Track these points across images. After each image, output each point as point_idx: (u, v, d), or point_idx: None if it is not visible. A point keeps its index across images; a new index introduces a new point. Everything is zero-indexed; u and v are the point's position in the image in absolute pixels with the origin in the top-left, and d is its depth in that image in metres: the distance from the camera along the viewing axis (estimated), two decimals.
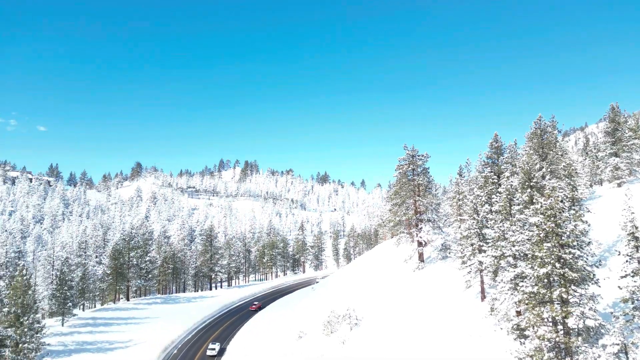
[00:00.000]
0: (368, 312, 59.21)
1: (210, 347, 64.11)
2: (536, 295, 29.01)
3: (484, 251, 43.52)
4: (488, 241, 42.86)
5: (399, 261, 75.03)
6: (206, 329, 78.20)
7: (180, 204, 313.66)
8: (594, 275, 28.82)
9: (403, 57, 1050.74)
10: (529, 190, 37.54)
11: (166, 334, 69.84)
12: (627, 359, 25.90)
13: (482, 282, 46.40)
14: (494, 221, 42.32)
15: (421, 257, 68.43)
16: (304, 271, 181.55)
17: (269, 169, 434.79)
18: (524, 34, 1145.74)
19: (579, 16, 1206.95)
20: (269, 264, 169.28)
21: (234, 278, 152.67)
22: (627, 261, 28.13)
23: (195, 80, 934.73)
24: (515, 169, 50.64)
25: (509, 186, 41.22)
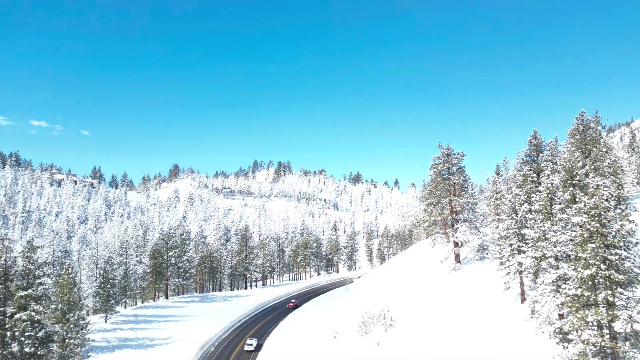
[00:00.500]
0: (403, 313, 58.59)
1: (248, 342, 66.00)
2: (580, 298, 27.98)
3: (524, 252, 42.31)
4: (528, 242, 41.67)
5: (434, 262, 73.89)
6: (242, 327, 79.43)
7: (216, 204, 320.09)
8: None
9: (438, 58, 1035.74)
10: (571, 189, 36.20)
11: (204, 332, 71.37)
12: None
13: (521, 283, 45.10)
14: (533, 221, 41.02)
15: (457, 258, 67.14)
16: (337, 271, 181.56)
17: (301, 169, 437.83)
18: (565, 30, 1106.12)
19: (614, 10, 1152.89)
20: (302, 263, 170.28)
21: (269, 277, 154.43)
22: None
23: (229, 81, 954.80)
24: (556, 166, 48.94)
25: (549, 184, 39.87)
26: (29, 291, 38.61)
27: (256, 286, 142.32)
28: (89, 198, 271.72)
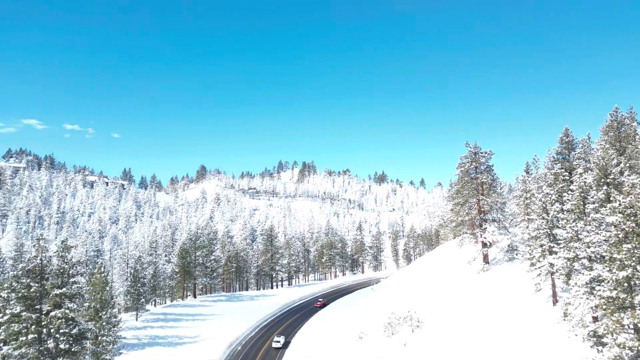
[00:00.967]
0: (430, 314, 57.88)
1: (276, 339, 67.18)
2: (615, 300, 27.04)
3: (555, 253, 41.17)
4: (559, 242, 40.53)
5: (462, 262, 72.71)
6: (269, 326, 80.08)
7: (242, 204, 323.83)
8: None
9: (468, 57, 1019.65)
10: (605, 188, 35.06)
11: (231, 331, 72.29)
12: None
13: (553, 285, 43.88)
14: (565, 221, 39.85)
15: (486, 259, 65.86)
16: (362, 271, 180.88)
17: (325, 169, 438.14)
18: (595, 28, 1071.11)
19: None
20: (327, 263, 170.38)
21: (294, 277, 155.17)
22: None
23: (255, 83, 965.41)
24: (589, 164, 47.48)
25: (582, 183, 38.66)
26: (64, 289, 39.85)
27: (282, 286, 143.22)
28: (120, 199, 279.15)
